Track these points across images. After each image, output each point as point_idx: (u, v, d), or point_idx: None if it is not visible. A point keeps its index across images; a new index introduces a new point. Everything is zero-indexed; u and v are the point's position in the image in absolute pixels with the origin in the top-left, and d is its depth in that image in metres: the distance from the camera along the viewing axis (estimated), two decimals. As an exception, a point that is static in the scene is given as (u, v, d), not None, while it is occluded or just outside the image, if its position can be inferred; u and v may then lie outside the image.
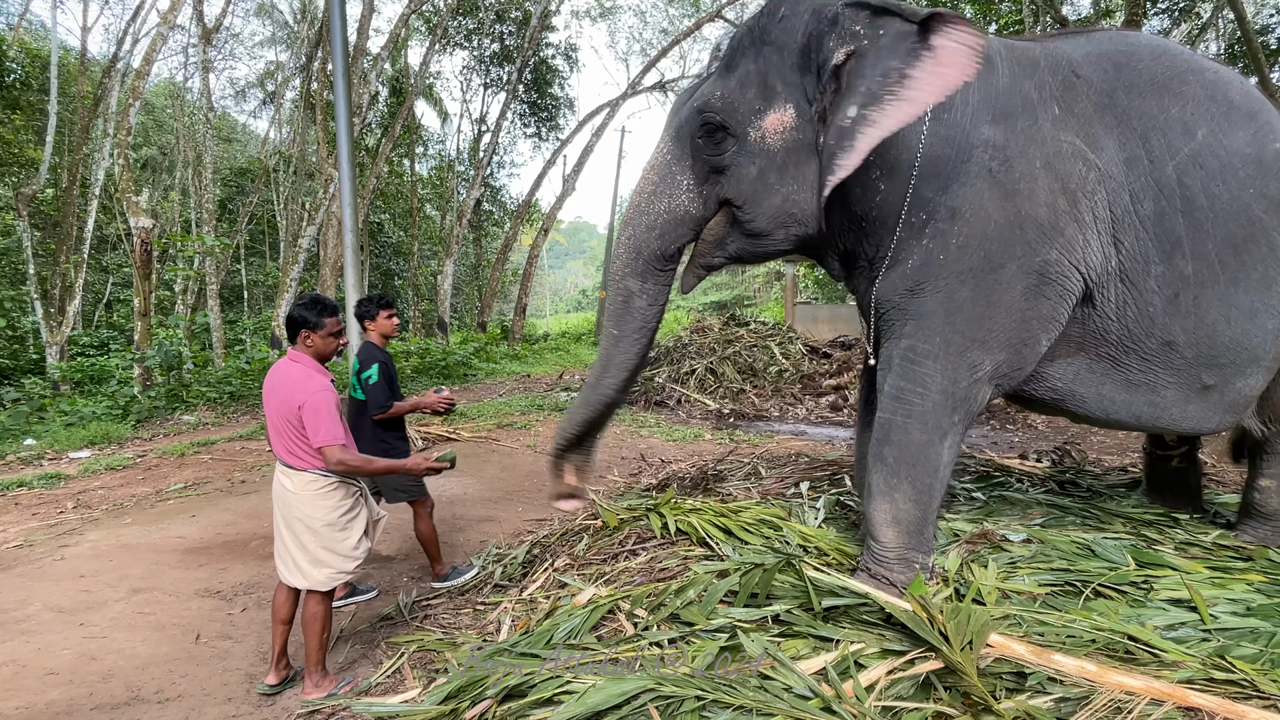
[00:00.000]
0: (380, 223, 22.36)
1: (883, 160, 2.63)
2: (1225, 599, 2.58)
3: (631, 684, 2.16)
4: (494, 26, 20.31)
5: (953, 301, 2.61)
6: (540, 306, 44.69)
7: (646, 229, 2.82)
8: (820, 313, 16.24)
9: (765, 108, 2.61)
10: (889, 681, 2.15)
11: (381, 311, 3.80)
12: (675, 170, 2.78)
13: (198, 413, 9.45)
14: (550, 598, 3.21)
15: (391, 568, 4.31)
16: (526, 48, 19.14)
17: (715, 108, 2.65)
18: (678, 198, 2.77)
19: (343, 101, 7.28)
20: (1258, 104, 2.81)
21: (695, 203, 2.77)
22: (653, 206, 2.80)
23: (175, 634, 3.43)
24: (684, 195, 2.76)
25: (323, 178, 13.64)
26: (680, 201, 2.77)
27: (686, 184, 2.76)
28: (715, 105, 2.65)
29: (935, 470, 2.70)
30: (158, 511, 5.40)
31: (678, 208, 2.78)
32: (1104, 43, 2.88)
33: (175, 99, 20.18)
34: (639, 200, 2.85)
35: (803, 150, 2.61)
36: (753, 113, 2.62)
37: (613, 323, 2.95)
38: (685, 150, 2.76)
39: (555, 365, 16.86)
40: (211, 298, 15.37)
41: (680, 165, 2.77)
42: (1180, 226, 2.67)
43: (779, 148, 2.62)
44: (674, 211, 2.78)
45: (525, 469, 6.56)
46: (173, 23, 12.76)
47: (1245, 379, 2.89)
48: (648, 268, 2.86)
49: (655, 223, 2.80)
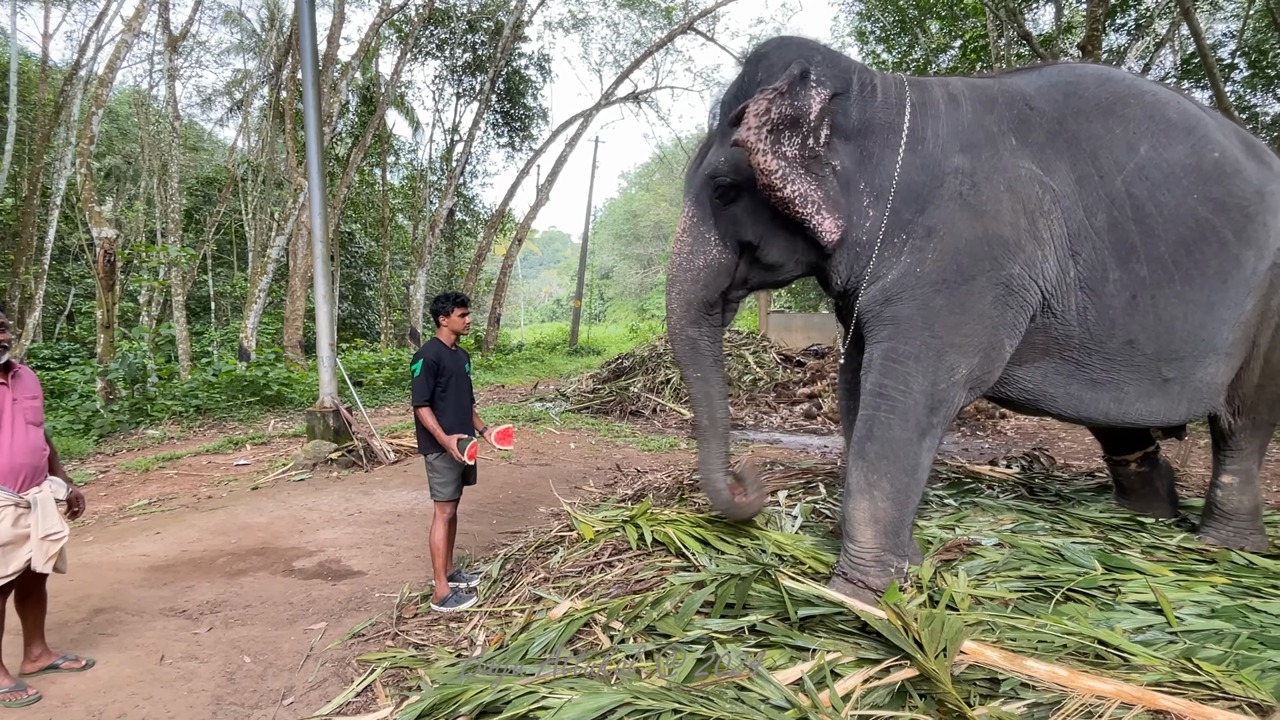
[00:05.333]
0: (351, 232, 22.12)
1: (871, 188, 2.94)
2: (1190, 601, 2.64)
3: (608, 698, 2.14)
4: (466, 36, 20.25)
5: (930, 309, 2.82)
6: (514, 316, 44.50)
7: (692, 283, 3.19)
8: (794, 321, 16.41)
9: None
10: (865, 690, 2.16)
11: (456, 309, 3.88)
12: (703, 229, 3.16)
13: (163, 427, 9.24)
14: (525, 611, 3.18)
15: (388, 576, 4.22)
16: (499, 57, 19.12)
17: (723, 171, 3.03)
18: (711, 252, 3.15)
19: (312, 110, 7.20)
20: (1194, 120, 3.10)
21: (726, 253, 3.15)
22: (693, 263, 3.17)
23: (138, 655, 3.34)
24: (715, 249, 3.14)
25: (292, 187, 13.49)
26: (714, 255, 3.15)
27: (714, 239, 3.14)
28: (723, 170, 3.03)
29: (914, 470, 2.83)
30: (120, 529, 5.26)
31: (713, 261, 3.15)
32: (1053, 75, 3.20)
33: (140, 107, 19.78)
34: (680, 260, 3.22)
35: None
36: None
37: (693, 367, 3.32)
38: (707, 211, 3.15)
39: (529, 375, 16.79)
40: (177, 309, 15.05)
41: (706, 224, 3.15)
42: (1133, 233, 2.91)
43: None
44: (710, 265, 3.15)
45: (500, 481, 6.51)
46: (137, 30, 12.56)
47: (1204, 368, 3.11)
48: (700, 315, 3.24)
49: (699, 277, 3.18)
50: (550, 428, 9.23)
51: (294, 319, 14.24)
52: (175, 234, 15.27)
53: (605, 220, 47.74)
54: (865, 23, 17.08)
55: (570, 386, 12.39)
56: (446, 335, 3.90)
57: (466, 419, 3.91)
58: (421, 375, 3.72)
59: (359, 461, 7.07)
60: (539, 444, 8.34)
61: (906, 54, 16.12)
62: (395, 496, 6.03)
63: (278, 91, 17.74)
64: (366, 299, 23.44)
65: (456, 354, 3.92)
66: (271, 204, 19.89)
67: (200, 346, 16.88)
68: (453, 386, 3.83)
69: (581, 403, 11.01)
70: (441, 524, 3.79)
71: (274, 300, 18.53)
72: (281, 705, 2.91)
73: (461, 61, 20.75)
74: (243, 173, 20.13)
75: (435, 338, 3.93)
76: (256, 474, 6.89)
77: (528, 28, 20.60)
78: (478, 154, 23.17)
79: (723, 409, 3.37)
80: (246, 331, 13.19)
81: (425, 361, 3.73)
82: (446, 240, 23.78)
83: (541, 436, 8.72)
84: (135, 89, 20.98)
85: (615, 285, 45.05)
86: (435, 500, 3.83)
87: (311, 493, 6.18)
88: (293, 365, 12.61)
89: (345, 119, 20.22)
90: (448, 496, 3.81)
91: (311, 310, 6.80)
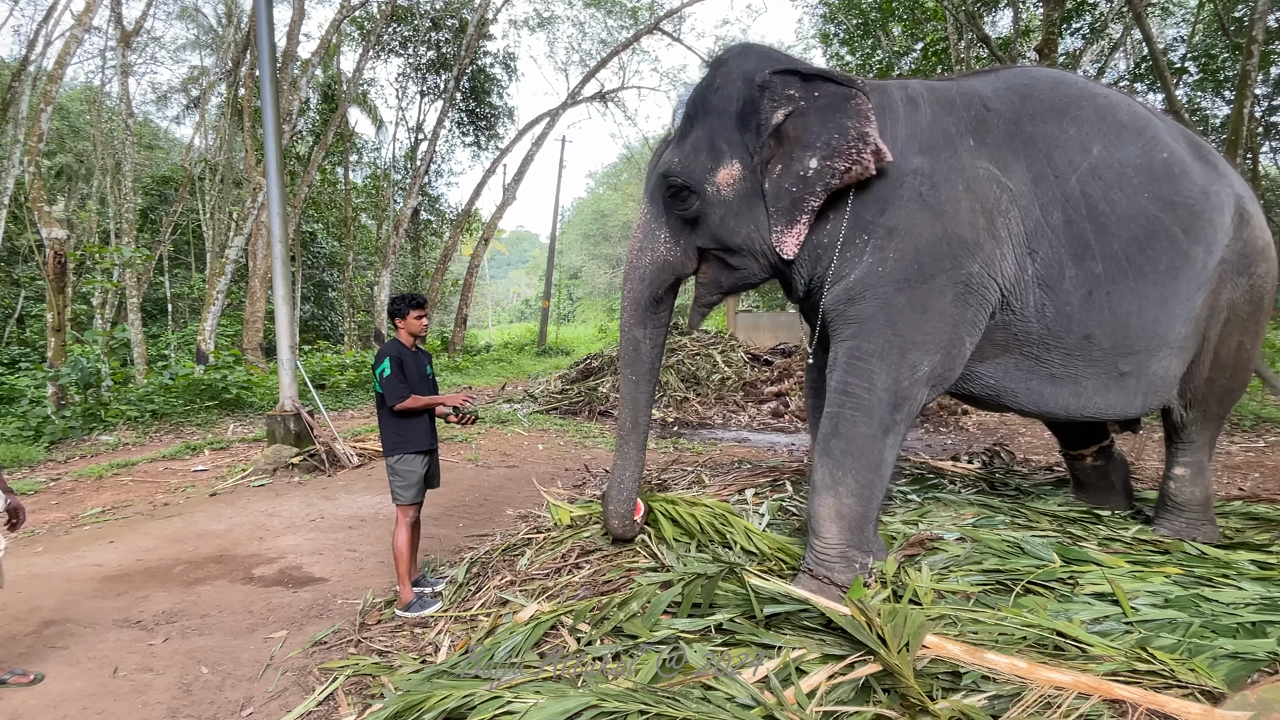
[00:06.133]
0: (313, 232, 21.73)
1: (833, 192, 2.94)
2: (1145, 592, 2.70)
3: (574, 701, 2.13)
4: (430, 34, 20.03)
5: (892, 307, 2.85)
6: (482, 317, 44.14)
7: (639, 280, 3.24)
8: (761, 320, 16.51)
9: (715, 165, 2.99)
10: (829, 686, 2.17)
11: (412, 311, 3.82)
12: (654, 226, 3.20)
13: (117, 432, 8.99)
14: (491, 615, 3.14)
15: (351, 582, 4.15)
16: (463, 55, 18.93)
17: (676, 172, 3.05)
18: (658, 249, 3.18)
19: (270, 108, 7.07)
20: (1143, 121, 3.19)
21: (673, 251, 3.17)
22: (641, 260, 3.23)
23: (90, 668, 3.23)
24: (663, 246, 3.18)
25: (251, 186, 13.21)
26: (660, 251, 3.18)
27: (664, 236, 3.17)
28: (676, 170, 3.06)
29: (878, 466, 2.85)
30: (72, 538, 5.10)
31: (659, 257, 3.19)
32: (1009, 78, 3.27)
33: (92, 104, 19.23)
34: (632, 257, 3.27)
35: (753, 196, 3.00)
36: (706, 171, 3.00)
37: (630, 369, 3.39)
38: (660, 209, 3.19)
39: (497, 376, 16.66)
40: (132, 311, 14.64)
41: (658, 221, 3.19)
42: (1088, 231, 2.98)
43: (733, 197, 3.00)
44: (656, 260, 3.19)
45: (466, 484, 6.44)
46: (88, 25, 12.21)
47: (1158, 362, 3.19)
48: (645, 315, 3.29)
49: (645, 274, 3.22)
50: (518, 429, 9.17)
51: (254, 321, 13.95)
52: (130, 234, 14.87)
53: (574, 220, 47.59)
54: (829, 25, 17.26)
55: (538, 387, 12.32)
56: (405, 337, 3.86)
57: (431, 424, 3.87)
58: (393, 373, 3.67)
59: (321, 466, 6.95)
60: (506, 446, 8.28)
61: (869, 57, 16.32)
62: (358, 501, 5.93)
63: (236, 89, 17.36)
64: (329, 300, 23.05)
65: (418, 356, 3.87)
66: (230, 203, 19.47)
67: (156, 350, 16.44)
68: (418, 390, 3.78)
69: (550, 404, 10.96)
70: (405, 528, 3.74)
71: (233, 302, 18.12)
72: (240, 716, 2.84)
73: (425, 59, 20.52)
74: (200, 171, 19.68)
75: (395, 339, 3.88)
76: (215, 480, 6.73)
77: (492, 26, 20.44)
78: (443, 153, 22.97)
79: (645, 416, 3.44)
80: (204, 334, 12.87)
81: (391, 358, 3.69)
82: (411, 240, 23.49)
83: (509, 438, 8.66)
84: (87, 85, 20.38)
85: (584, 285, 44.93)
86: (398, 504, 3.77)
87: (272, 498, 6.05)
88: (253, 368, 12.36)
89: (306, 117, 19.88)
90: (410, 500, 3.76)
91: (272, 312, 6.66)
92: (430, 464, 3.86)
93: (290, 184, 16.61)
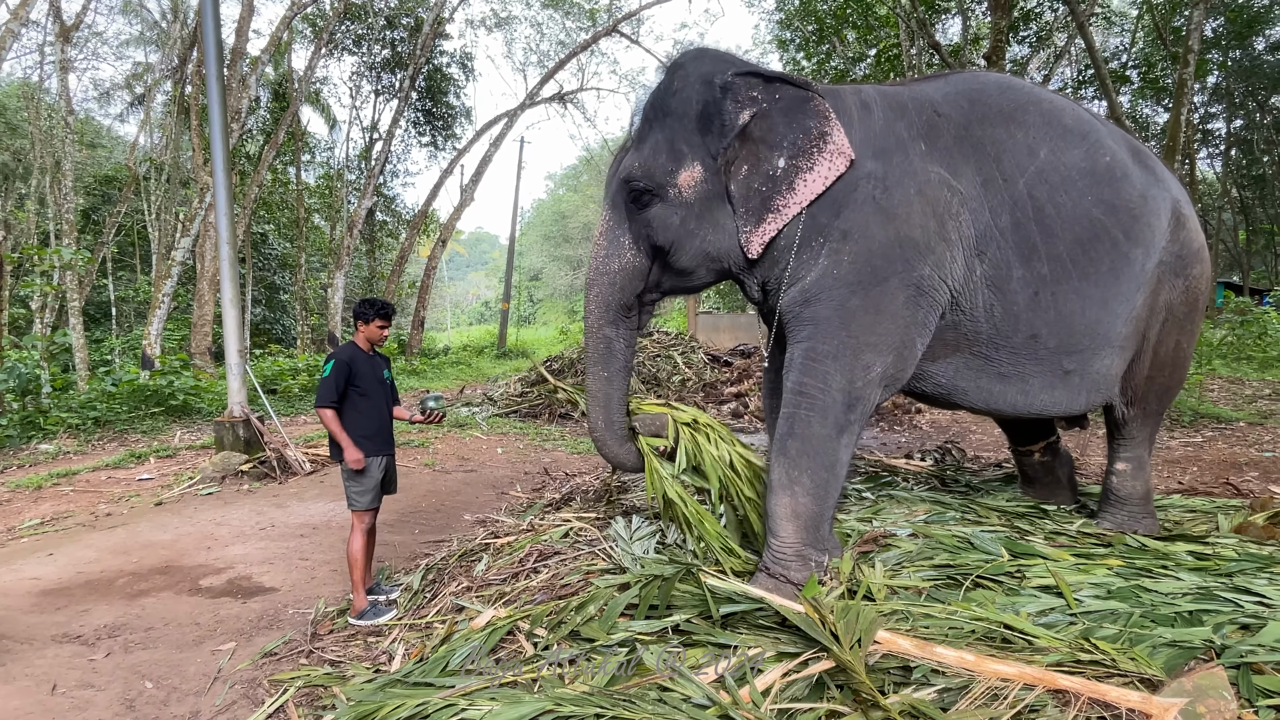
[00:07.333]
0: (265, 233, 21.25)
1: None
2: (1089, 584, 2.77)
3: (529, 707, 2.11)
4: (384, 32, 19.74)
5: (846, 309, 2.88)
6: (440, 319, 43.60)
7: (609, 285, 3.21)
8: (721, 321, 16.62)
9: (676, 168, 2.99)
10: (784, 684, 2.19)
11: (376, 319, 3.78)
12: (618, 233, 3.18)
13: (58, 441, 8.65)
14: (447, 622, 3.10)
15: (302, 591, 4.05)
16: (419, 55, 18.69)
17: (636, 175, 3.04)
18: (625, 256, 3.17)
19: (216, 104, 6.89)
20: (1087, 126, 3.29)
21: (640, 257, 3.17)
22: (609, 266, 3.20)
23: (27, 685, 3.10)
24: (629, 252, 3.16)
25: (198, 186, 12.85)
26: (628, 259, 3.17)
27: (629, 242, 3.16)
28: (636, 174, 3.05)
29: (833, 466, 2.89)
30: (9, 551, 4.89)
31: (628, 265, 3.17)
32: (959, 83, 3.34)
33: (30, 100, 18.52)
34: (597, 263, 3.24)
35: (714, 198, 3.01)
36: (667, 174, 3.00)
37: (601, 366, 3.33)
38: (622, 215, 3.17)
39: (455, 380, 16.45)
40: (73, 315, 14.15)
41: (621, 228, 3.17)
42: (1034, 234, 3.06)
43: (694, 199, 3.00)
44: (625, 269, 3.18)
45: (423, 489, 6.35)
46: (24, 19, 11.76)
47: (1101, 360, 3.30)
48: (618, 317, 3.26)
49: (615, 280, 3.20)
50: (477, 433, 9.08)
51: (202, 325, 13.57)
52: (70, 235, 14.37)
53: (533, 221, 47.34)
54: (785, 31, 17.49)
55: (498, 390, 12.20)
56: (362, 341, 3.80)
57: (387, 429, 3.81)
58: (331, 375, 3.61)
59: (272, 473, 6.78)
60: (465, 450, 8.18)
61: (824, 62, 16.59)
62: (311, 508, 5.80)
63: (182, 86, 16.90)
64: (281, 303, 22.54)
65: (374, 360, 3.80)
66: (177, 204, 18.93)
67: (100, 355, 15.89)
68: (372, 394, 3.72)
69: (510, 406, 10.86)
70: (360, 534, 3.67)
71: (180, 305, 17.64)
72: (185, 732, 2.75)
73: (380, 58, 20.22)
74: (145, 171, 19.10)
75: (352, 340, 3.83)
76: (161, 489, 6.52)
77: (449, 25, 20.25)
78: (398, 153, 22.65)
79: (619, 414, 3.40)
80: (150, 338, 12.47)
81: (337, 362, 3.63)
82: (366, 241, 23.13)
83: (468, 442, 8.56)
84: (25, 81, 19.61)
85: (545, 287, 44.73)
86: (353, 510, 3.70)
87: (220, 507, 5.89)
88: (200, 373, 12.00)
89: (256, 115, 19.41)
90: (366, 505, 3.69)
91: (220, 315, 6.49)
92: (387, 468, 3.80)
93: (240, 184, 16.21)
